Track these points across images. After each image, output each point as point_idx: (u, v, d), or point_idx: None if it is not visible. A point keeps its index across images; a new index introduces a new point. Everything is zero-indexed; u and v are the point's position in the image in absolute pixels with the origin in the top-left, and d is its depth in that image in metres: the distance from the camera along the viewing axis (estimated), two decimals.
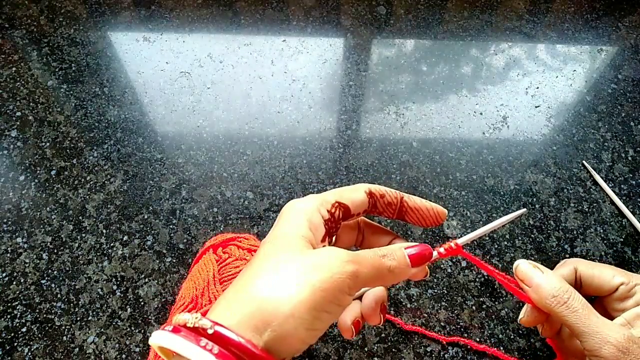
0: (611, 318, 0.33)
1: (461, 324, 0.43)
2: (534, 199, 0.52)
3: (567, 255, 0.48)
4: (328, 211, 0.26)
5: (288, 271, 0.22)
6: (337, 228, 0.28)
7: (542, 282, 0.31)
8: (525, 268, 0.33)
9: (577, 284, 0.36)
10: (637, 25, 0.69)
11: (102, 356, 0.41)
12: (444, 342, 0.42)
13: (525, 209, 0.31)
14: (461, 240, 0.29)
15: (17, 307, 0.43)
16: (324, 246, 0.26)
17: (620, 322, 0.33)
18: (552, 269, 0.38)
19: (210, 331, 0.20)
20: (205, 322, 0.20)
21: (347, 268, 0.22)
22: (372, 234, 0.31)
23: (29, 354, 0.41)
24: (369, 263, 0.23)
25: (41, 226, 0.48)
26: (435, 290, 0.45)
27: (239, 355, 0.19)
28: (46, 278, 0.45)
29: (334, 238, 0.28)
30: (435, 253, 0.28)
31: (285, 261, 0.23)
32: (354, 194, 0.28)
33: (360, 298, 0.29)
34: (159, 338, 0.21)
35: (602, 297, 0.36)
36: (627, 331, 0.29)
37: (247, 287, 0.22)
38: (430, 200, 0.30)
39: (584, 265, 0.36)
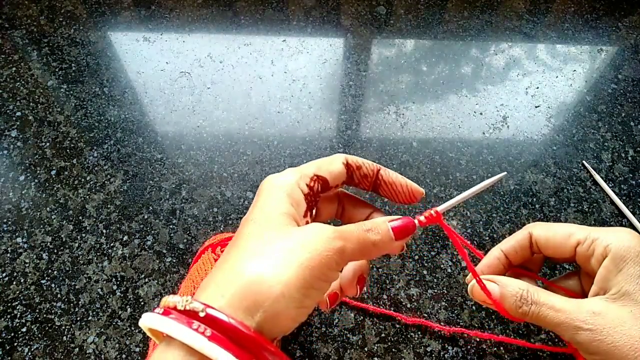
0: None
1: (461, 324, 0.43)
2: (534, 199, 0.52)
3: None
4: (307, 185, 0.26)
5: (276, 251, 0.22)
6: (317, 201, 0.27)
7: (501, 297, 0.29)
8: (477, 292, 0.30)
9: (534, 249, 0.32)
10: (637, 25, 0.69)
11: (102, 356, 0.41)
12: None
13: (505, 172, 0.30)
14: (441, 208, 0.28)
15: (17, 307, 0.43)
16: (307, 221, 0.25)
17: (595, 290, 0.29)
18: (551, 269, 0.38)
19: (201, 314, 0.20)
20: (196, 304, 0.20)
21: (334, 244, 0.22)
22: (352, 206, 0.31)
23: (29, 354, 0.41)
24: (355, 238, 0.23)
25: (41, 226, 0.48)
26: (435, 290, 0.45)
27: (231, 337, 0.19)
28: (46, 278, 0.45)
29: (314, 211, 0.28)
30: (415, 222, 0.27)
31: (271, 240, 0.22)
32: (332, 166, 0.27)
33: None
34: (150, 320, 0.21)
35: (580, 269, 0.32)
36: (591, 305, 0.27)
37: (236, 268, 0.22)
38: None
39: (539, 228, 0.32)
